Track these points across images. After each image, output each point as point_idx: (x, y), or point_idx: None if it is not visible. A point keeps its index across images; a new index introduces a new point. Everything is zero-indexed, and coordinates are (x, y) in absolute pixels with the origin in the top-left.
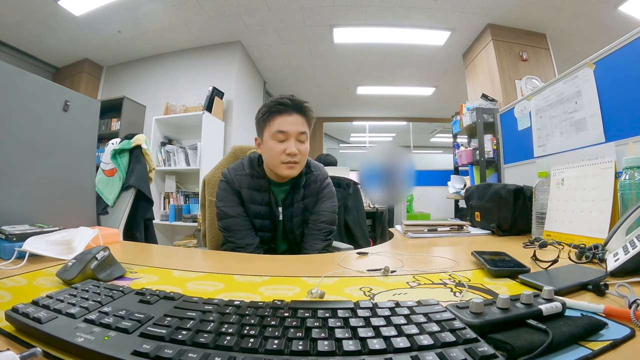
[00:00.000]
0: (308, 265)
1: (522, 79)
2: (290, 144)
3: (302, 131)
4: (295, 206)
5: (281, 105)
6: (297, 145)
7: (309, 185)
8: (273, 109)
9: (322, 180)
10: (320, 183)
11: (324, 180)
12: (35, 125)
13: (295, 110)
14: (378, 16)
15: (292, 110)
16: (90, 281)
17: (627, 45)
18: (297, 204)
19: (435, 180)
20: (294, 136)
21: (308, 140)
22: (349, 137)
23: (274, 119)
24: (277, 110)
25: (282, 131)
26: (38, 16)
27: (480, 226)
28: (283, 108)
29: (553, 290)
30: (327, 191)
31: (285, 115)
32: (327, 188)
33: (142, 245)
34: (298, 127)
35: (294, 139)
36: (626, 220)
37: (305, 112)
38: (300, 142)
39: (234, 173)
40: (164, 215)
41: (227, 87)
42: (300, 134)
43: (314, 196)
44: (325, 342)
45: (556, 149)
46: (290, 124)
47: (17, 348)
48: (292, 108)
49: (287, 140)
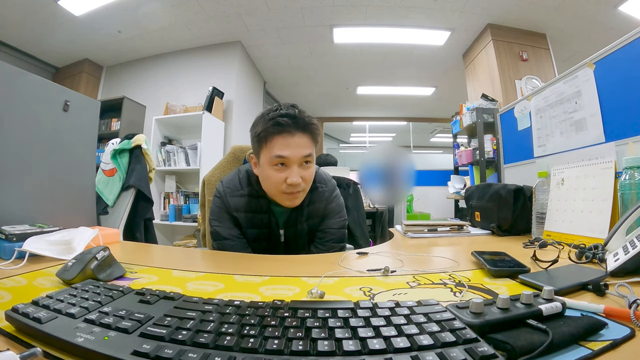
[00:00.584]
0: (308, 265)
1: (522, 79)
2: (292, 171)
3: (306, 154)
4: (298, 227)
5: (279, 126)
6: (301, 171)
7: (314, 203)
8: (271, 129)
9: (328, 197)
10: (326, 201)
11: (331, 195)
12: (35, 125)
13: (298, 129)
14: (378, 16)
15: (294, 130)
16: (90, 281)
17: (627, 45)
18: (301, 225)
19: (435, 180)
20: (296, 162)
21: (314, 161)
22: (349, 137)
23: (271, 140)
24: (275, 130)
25: (282, 157)
26: (38, 16)
27: (480, 226)
28: (283, 128)
29: (553, 290)
30: (334, 206)
31: (286, 136)
32: (334, 202)
33: (142, 245)
34: (302, 151)
35: (298, 164)
36: (626, 220)
37: (310, 130)
38: (305, 168)
39: (230, 194)
40: (164, 215)
41: (227, 87)
42: (304, 157)
43: (318, 216)
44: (325, 342)
45: (556, 149)
46: (292, 148)
47: (17, 348)
48: (295, 127)
49: (289, 166)
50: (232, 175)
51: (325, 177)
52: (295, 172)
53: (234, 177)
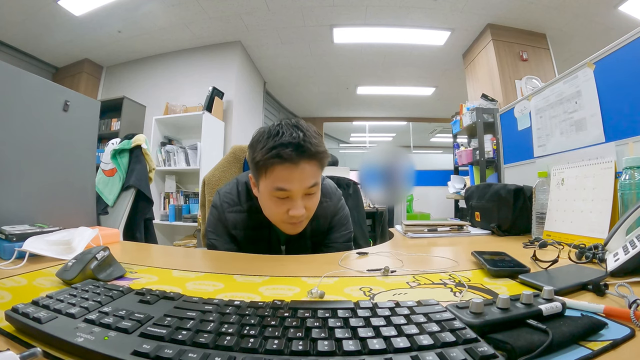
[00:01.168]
0: (308, 265)
1: (522, 79)
2: (295, 203)
3: (311, 185)
4: (301, 243)
5: (279, 158)
6: (305, 201)
7: (318, 218)
8: (271, 160)
9: (332, 212)
10: (330, 217)
11: (336, 208)
12: (35, 125)
13: (303, 158)
14: (378, 16)
15: (298, 159)
16: (90, 281)
17: (627, 45)
18: (304, 242)
19: (435, 180)
20: (300, 194)
21: (319, 188)
22: (349, 137)
23: (272, 170)
24: (277, 162)
25: (283, 189)
26: (38, 16)
27: (480, 226)
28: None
29: (553, 290)
30: (339, 218)
31: (289, 166)
32: (339, 214)
33: (142, 245)
34: (306, 182)
35: (301, 196)
36: (626, 220)
37: (317, 158)
38: (309, 198)
39: (227, 209)
40: (164, 215)
41: (227, 87)
42: (309, 188)
43: (323, 232)
44: (325, 342)
45: (556, 149)
46: (295, 181)
47: (17, 348)
48: (299, 156)
49: (291, 198)
50: (230, 186)
51: (330, 189)
52: (299, 205)
53: (232, 189)
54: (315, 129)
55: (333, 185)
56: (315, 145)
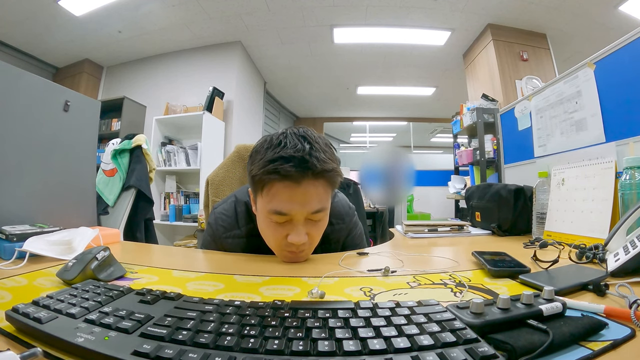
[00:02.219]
0: (308, 265)
1: (522, 79)
2: (295, 229)
3: (316, 210)
4: None
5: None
6: (308, 227)
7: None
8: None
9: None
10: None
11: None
12: (35, 125)
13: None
14: (378, 16)
15: (300, 177)
16: (90, 281)
17: (627, 45)
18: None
19: (435, 180)
20: (302, 218)
21: (328, 213)
22: (350, 137)
23: (270, 187)
24: (276, 178)
25: (282, 213)
26: (38, 16)
27: (480, 226)
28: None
29: (553, 291)
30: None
31: (290, 185)
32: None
33: (143, 246)
34: (309, 206)
35: (303, 221)
36: (627, 220)
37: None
38: (313, 224)
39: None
40: (164, 216)
41: (227, 87)
42: (313, 214)
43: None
44: (326, 342)
45: (556, 149)
46: (296, 203)
47: (17, 348)
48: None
49: (292, 222)
50: (228, 206)
51: (342, 209)
52: (300, 231)
53: (229, 210)
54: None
55: (346, 202)
56: (322, 162)
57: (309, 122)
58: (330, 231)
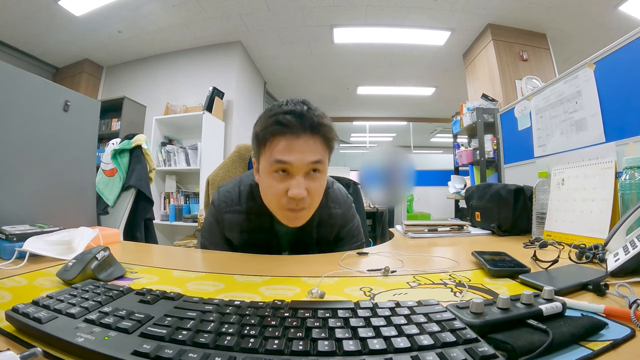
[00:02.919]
0: (308, 265)
1: (522, 79)
2: (295, 181)
3: (314, 160)
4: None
5: (280, 125)
6: (307, 182)
7: (324, 226)
8: (271, 128)
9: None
10: (339, 228)
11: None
12: (35, 125)
13: (305, 129)
14: (378, 16)
15: (299, 130)
16: (90, 281)
17: (627, 45)
18: (311, 247)
19: (435, 180)
20: (302, 170)
21: (325, 172)
22: (349, 137)
23: (272, 141)
24: (277, 130)
25: (283, 162)
26: (38, 16)
27: (480, 226)
28: (286, 128)
29: (553, 290)
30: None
31: (290, 137)
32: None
33: (143, 246)
34: (308, 156)
35: (302, 173)
36: (626, 220)
37: (322, 132)
38: (312, 178)
39: (225, 208)
40: (164, 215)
41: (227, 87)
42: (311, 164)
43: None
44: (326, 342)
45: (556, 149)
46: (296, 153)
47: (17, 348)
48: (301, 127)
49: (291, 175)
50: (232, 185)
51: (339, 196)
52: (299, 183)
53: (233, 189)
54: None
55: (344, 191)
56: (319, 117)
57: None
58: (327, 216)
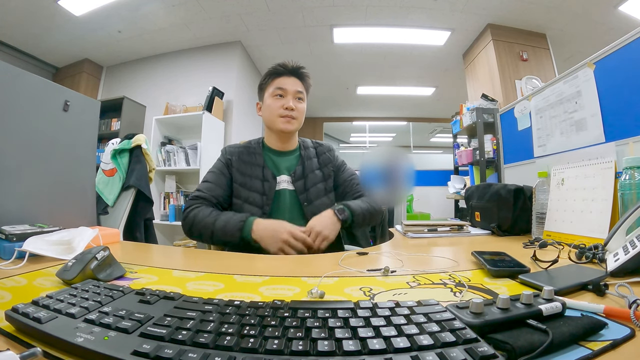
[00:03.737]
0: (308, 265)
1: (522, 79)
2: (288, 99)
3: (299, 90)
4: (310, 176)
5: (281, 68)
6: (294, 102)
7: (323, 154)
8: (273, 72)
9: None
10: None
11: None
12: (35, 125)
13: (293, 74)
14: (378, 16)
15: (290, 74)
16: (90, 281)
17: (627, 45)
18: (313, 174)
19: (435, 180)
20: (291, 94)
21: (305, 102)
22: (349, 137)
23: (273, 80)
24: (276, 72)
25: (280, 88)
26: (38, 16)
27: (480, 226)
28: (282, 71)
29: (553, 290)
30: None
31: (284, 77)
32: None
33: (142, 245)
34: (296, 87)
35: (292, 96)
36: (626, 221)
37: (302, 77)
38: (298, 101)
39: (228, 146)
40: (164, 215)
41: (227, 87)
42: (297, 92)
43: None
44: (325, 342)
45: (556, 149)
46: (288, 84)
47: (17, 348)
48: (290, 72)
49: (285, 97)
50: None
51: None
52: (291, 100)
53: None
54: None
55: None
56: (300, 68)
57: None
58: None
